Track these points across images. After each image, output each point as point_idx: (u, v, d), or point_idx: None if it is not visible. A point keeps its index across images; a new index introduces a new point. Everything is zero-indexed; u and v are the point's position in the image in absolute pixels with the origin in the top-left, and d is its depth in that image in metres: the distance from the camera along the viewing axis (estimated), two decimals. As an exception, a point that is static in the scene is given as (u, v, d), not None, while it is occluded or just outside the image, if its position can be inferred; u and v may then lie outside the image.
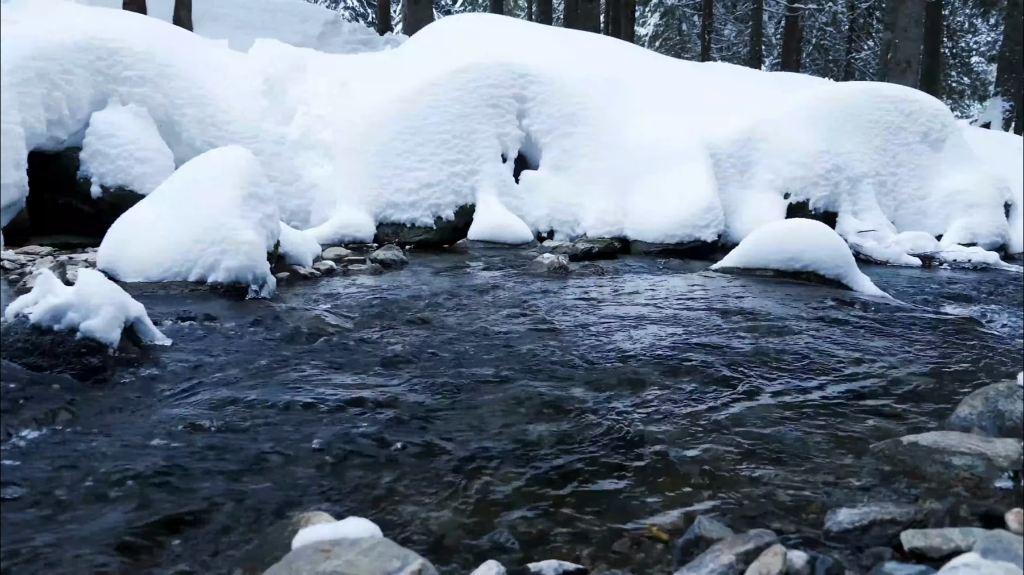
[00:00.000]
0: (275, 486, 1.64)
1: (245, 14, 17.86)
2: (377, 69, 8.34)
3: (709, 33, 23.31)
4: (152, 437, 1.92)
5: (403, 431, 1.98)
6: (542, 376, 2.54)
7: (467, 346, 2.93)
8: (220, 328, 3.11)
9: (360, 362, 2.69)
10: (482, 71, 7.30)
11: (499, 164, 7.04)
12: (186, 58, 7.30)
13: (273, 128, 7.34)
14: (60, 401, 2.19)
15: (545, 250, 5.93)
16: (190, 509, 1.50)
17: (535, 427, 2.05)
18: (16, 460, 1.78)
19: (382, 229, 6.73)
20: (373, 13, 30.03)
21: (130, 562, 1.29)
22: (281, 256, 4.46)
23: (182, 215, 3.98)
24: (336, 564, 0.95)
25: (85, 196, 6.44)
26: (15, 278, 4.12)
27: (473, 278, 4.76)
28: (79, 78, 6.54)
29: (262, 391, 2.31)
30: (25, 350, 2.48)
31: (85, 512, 1.50)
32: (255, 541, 1.37)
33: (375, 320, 3.42)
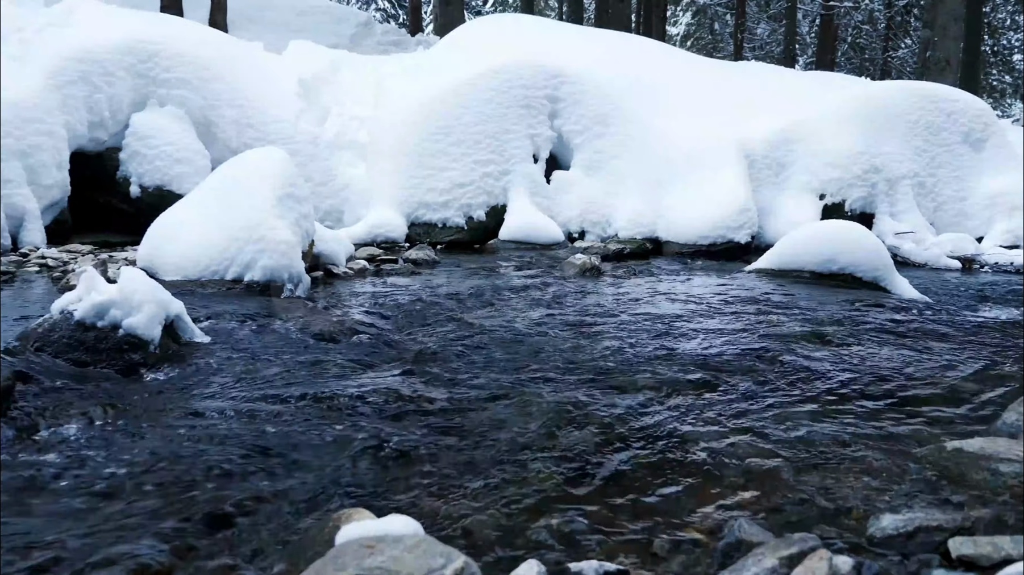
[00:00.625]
0: (313, 483, 1.65)
1: (279, 16, 18.08)
2: (410, 70, 8.39)
3: (742, 32, 23.07)
4: (193, 433, 1.95)
5: (439, 429, 1.99)
6: (577, 377, 2.54)
7: (501, 346, 2.94)
8: (256, 326, 3.15)
9: (395, 361, 2.71)
10: (515, 72, 7.31)
11: (531, 164, 7.04)
12: (223, 60, 7.41)
13: (308, 129, 7.42)
14: (104, 396, 2.23)
15: (576, 251, 5.92)
16: (232, 504, 1.52)
17: (570, 427, 2.04)
18: (62, 453, 1.82)
19: (414, 229, 6.78)
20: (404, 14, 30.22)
21: (175, 555, 1.31)
22: (316, 255, 4.51)
23: (219, 215, 4.04)
24: (381, 560, 0.96)
25: (124, 196, 6.58)
26: (58, 275, 4.21)
27: (505, 278, 4.76)
28: (120, 80, 6.68)
29: (299, 389, 2.33)
30: (70, 346, 2.53)
31: (130, 505, 1.53)
32: (295, 537, 1.39)
33: (409, 319, 3.44)
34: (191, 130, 6.80)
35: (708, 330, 3.27)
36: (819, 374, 2.65)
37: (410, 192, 6.86)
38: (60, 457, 1.80)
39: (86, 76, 6.48)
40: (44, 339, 2.55)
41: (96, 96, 6.49)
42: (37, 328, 2.60)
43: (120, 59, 6.77)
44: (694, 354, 2.86)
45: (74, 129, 6.30)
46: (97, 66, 6.60)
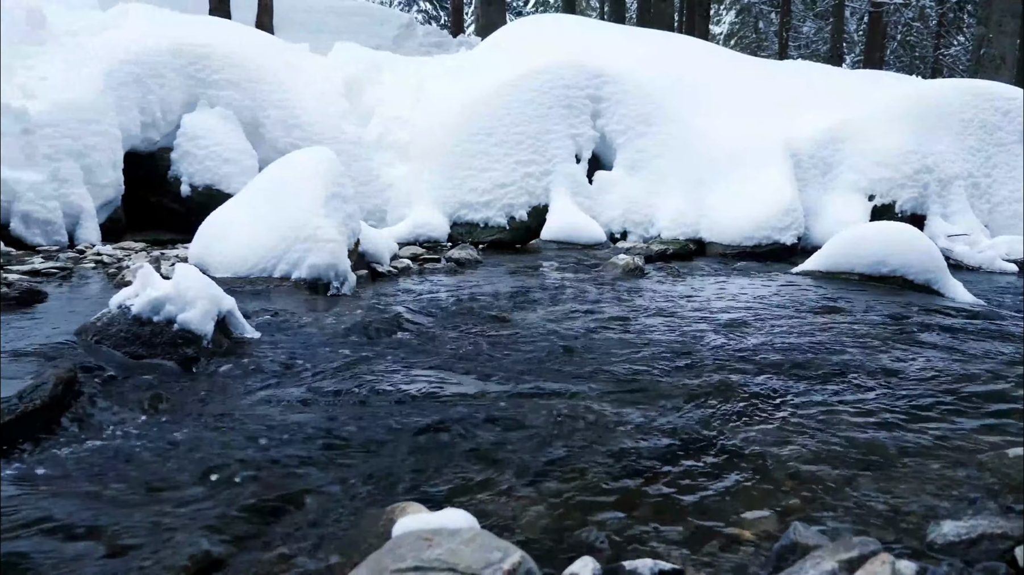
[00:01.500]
0: (366, 476, 1.67)
1: (323, 18, 18.34)
2: (452, 71, 8.44)
3: (787, 30, 22.71)
4: (246, 426, 1.99)
5: (487, 426, 1.99)
6: (623, 377, 2.53)
7: (546, 345, 2.94)
8: (305, 323, 3.20)
9: (441, 358, 2.73)
10: (557, 72, 7.30)
11: (573, 164, 7.03)
12: (270, 62, 7.54)
13: (352, 129, 7.52)
14: (160, 388, 2.29)
15: (618, 251, 5.89)
16: (286, 495, 1.55)
17: (616, 426, 2.03)
18: (121, 443, 1.87)
19: (455, 229, 6.81)
20: (445, 16, 30.41)
21: (233, 544, 1.34)
22: (360, 254, 4.56)
23: (268, 214, 4.12)
24: (439, 553, 0.97)
25: (175, 195, 6.74)
26: (113, 271, 4.33)
27: (548, 278, 4.76)
28: (171, 82, 6.85)
29: (348, 384, 2.37)
30: (127, 339, 2.60)
31: (188, 495, 1.57)
32: (349, 528, 1.41)
33: (454, 318, 3.46)
34: (239, 130, 6.94)
35: (756, 332, 3.23)
36: (872, 377, 2.60)
37: (452, 192, 6.90)
38: (120, 447, 1.85)
39: (139, 78, 6.66)
40: (102, 333, 2.62)
41: (149, 97, 6.66)
42: (96, 322, 2.68)
43: (171, 61, 6.94)
44: (742, 356, 2.82)
45: (128, 130, 6.48)
46: (150, 68, 6.77)
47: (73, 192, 5.89)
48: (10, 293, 3.43)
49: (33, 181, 5.70)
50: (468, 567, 0.95)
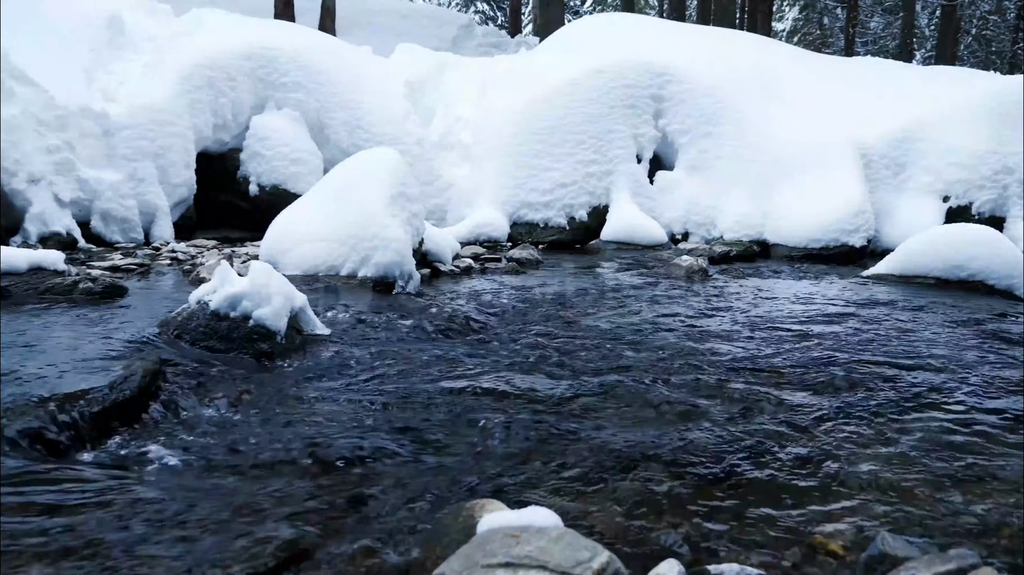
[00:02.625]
0: (442, 472, 1.70)
1: (384, 20, 18.61)
2: (513, 71, 8.46)
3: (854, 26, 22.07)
4: (322, 419, 2.03)
5: (559, 426, 2.00)
6: (692, 379, 2.50)
7: (612, 346, 2.92)
8: (372, 320, 3.26)
9: (508, 357, 2.74)
10: (619, 71, 7.26)
11: (634, 164, 6.98)
12: (335, 64, 7.69)
13: (414, 130, 7.61)
14: (238, 382, 2.36)
15: (680, 252, 5.82)
16: (366, 488, 1.58)
17: (690, 430, 2.01)
18: (205, 434, 1.94)
19: (515, 229, 6.84)
20: (503, 16, 30.52)
21: (317, 534, 1.37)
22: (424, 253, 4.61)
23: (336, 213, 4.20)
24: (529, 550, 0.97)
25: (244, 194, 6.93)
26: (188, 268, 4.48)
27: (611, 278, 4.74)
28: (242, 85, 7.05)
29: (418, 381, 2.40)
30: (205, 334, 2.69)
31: (271, 484, 1.61)
32: (429, 523, 1.42)
33: (518, 317, 3.47)
34: (305, 131, 7.10)
35: (828, 336, 3.15)
36: (954, 385, 2.51)
37: (513, 192, 6.92)
38: (204, 437, 1.92)
39: (212, 81, 6.88)
40: (182, 327, 2.72)
41: (220, 100, 6.87)
42: (176, 316, 2.77)
43: (242, 64, 7.14)
44: (811, 361, 2.76)
45: (200, 131, 6.70)
46: (221, 72, 6.98)
47: (149, 191, 6.11)
48: (94, 288, 3.58)
49: (112, 181, 5.94)
50: (558, 565, 0.95)
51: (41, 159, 5.52)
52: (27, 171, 5.38)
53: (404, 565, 1.26)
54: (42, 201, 5.41)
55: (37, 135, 5.58)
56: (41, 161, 5.51)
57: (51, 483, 1.60)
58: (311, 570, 1.24)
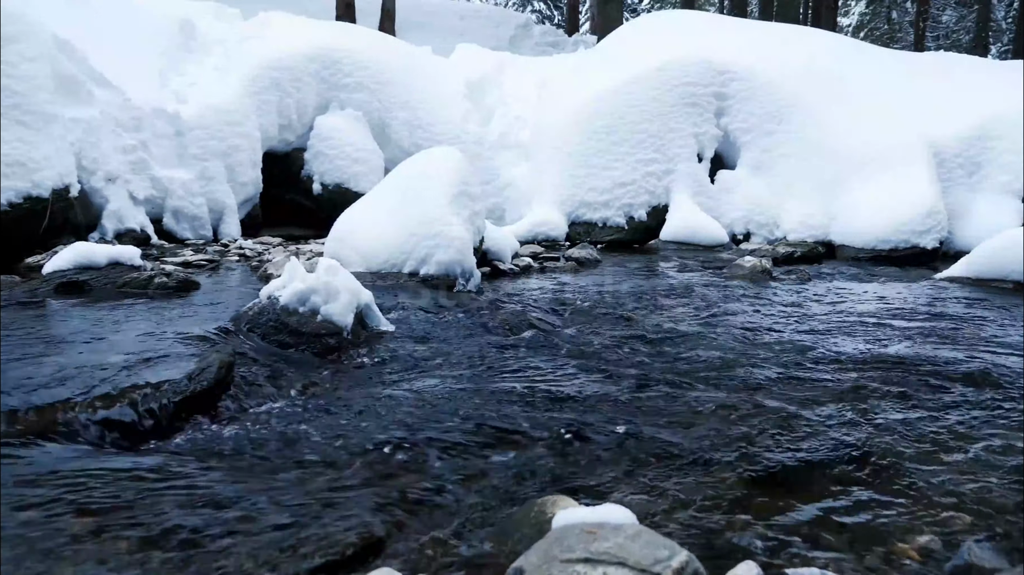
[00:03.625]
0: (509, 467, 1.70)
1: (442, 21, 18.78)
2: (573, 69, 8.44)
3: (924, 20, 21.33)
4: (389, 414, 2.06)
5: (624, 424, 1.98)
6: (759, 381, 2.45)
7: (675, 346, 2.89)
8: (435, 317, 3.30)
9: (570, 355, 2.74)
10: (680, 69, 7.17)
11: (695, 164, 6.89)
12: (396, 65, 7.81)
13: (473, 129, 7.67)
14: (307, 375, 2.42)
15: (742, 253, 5.72)
16: (435, 482, 1.60)
17: (760, 432, 1.97)
18: (274, 425, 1.99)
19: (574, 228, 6.82)
20: (560, 15, 30.46)
21: (390, 525, 1.39)
22: (484, 252, 4.64)
23: (398, 211, 4.26)
24: (607, 546, 0.97)
25: (307, 192, 7.10)
26: (255, 264, 4.60)
27: (672, 278, 4.69)
28: (306, 86, 7.21)
29: (482, 378, 2.42)
30: (275, 328, 2.76)
31: (342, 476, 1.65)
32: (499, 518, 1.43)
33: (579, 316, 3.47)
34: (367, 131, 7.23)
35: (903, 339, 3.06)
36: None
37: (571, 191, 6.91)
38: (276, 428, 1.97)
39: (278, 83, 7.06)
40: (253, 322, 2.79)
41: (286, 101, 7.05)
42: (248, 311, 2.85)
43: (307, 66, 7.31)
44: (892, 364, 2.68)
45: (267, 131, 6.88)
46: (287, 73, 7.16)
47: (218, 190, 6.31)
48: (169, 282, 3.71)
49: (183, 179, 6.15)
50: (637, 562, 0.95)
51: (117, 158, 5.75)
52: (105, 170, 5.61)
53: (476, 558, 1.27)
54: (118, 199, 5.63)
55: (114, 135, 5.82)
56: (117, 160, 5.74)
57: (134, 469, 1.67)
58: (385, 560, 1.27)
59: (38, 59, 5.33)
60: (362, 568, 1.22)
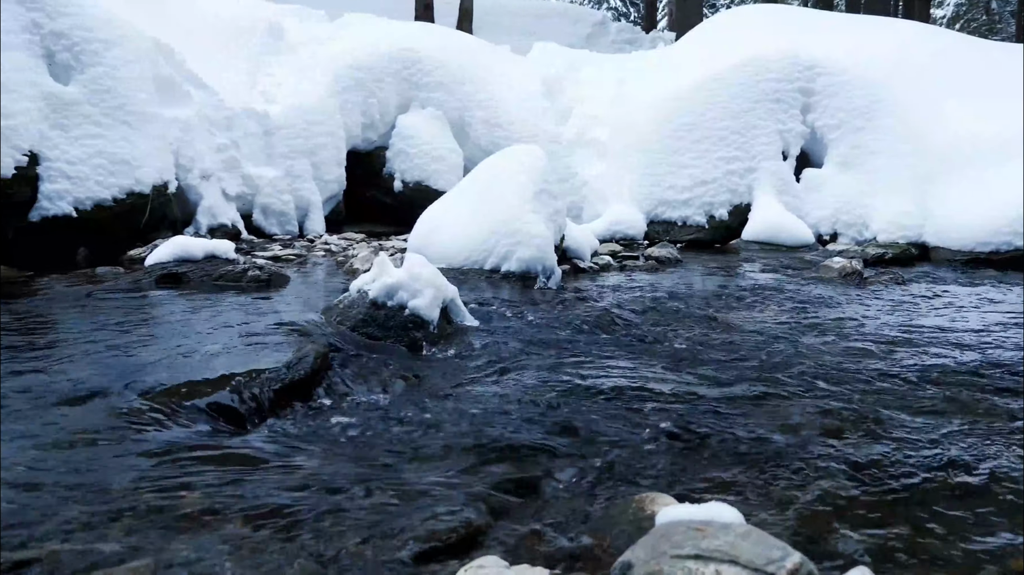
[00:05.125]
0: (599, 464, 1.70)
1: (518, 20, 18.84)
2: (651, 67, 8.34)
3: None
4: (478, 408, 2.09)
5: (715, 424, 1.95)
6: (850, 386, 2.37)
7: (764, 347, 2.83)
8: (518, 314, 3.31)
9: (655, 354, 2.71)
10: (764, 64, 6.99)
11: (779, 162, 6.70)
12: (475, 64, 7.88)
13: (550, 128, 7.67)
14: (395, 367, 2.47)
15: (829, 254, 5.54)
16: (530, 475, 1.61)
17: (860, 437, 1.91)
18: (367, 415, 2.04)
19: (652, 227, 6.74)
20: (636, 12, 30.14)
21: (488, 516, 1.41)
22: (564, 250, 4.64)
23: (480, 208, 4.30)
24: (718, 544, 0.96)
25: (388, 190, 7.24)
26: (341, 260, 4.73)
27: (756, 279, 4.58)
28: (389, 86, 7.36)
29: (567, 374, 2.42)
30: (364, 321, 2.82)
31: (437, 466, 1.68)
32: (596, 513, 1.44)
33: (661, 315, 3.43)
34: (447, 130, 7.32)
35: (1009, 346, 2.90)
36: None
37: (650, 190, 6.83)
38: (369, 417, 2.02)
39: (361, 82, 7.23)
40: (344, 314, 2.87)
41: (369, 100, 7.21)
42: (338, 304, 2.94)
43: (389, 66, 7.46)
44: (1000, 371, 2.55)
45: (350, 130, 7.06)
46: (370, 73, 7.32)
47: (304, 187, 6.50)
48: (261, 275, 3.85)
49: (271, 177, 6.36)
50: (749, 561, 0.93)
51: (211, 157, 6.00)
52: (200, 168, 5.86)
53: (575, 551, 1.28)
54: (212, 195, 5.87)
55: (208, 134, 6.07)
56: (211, 158, 5.99)
57: (239, 451, 1.74)
58: (485, 549, 1.28)
59: (139, 62, 5.60)
60: (465, 555, 1.24)
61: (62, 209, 4.72)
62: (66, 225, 4.72)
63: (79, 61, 5.21)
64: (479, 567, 1.07)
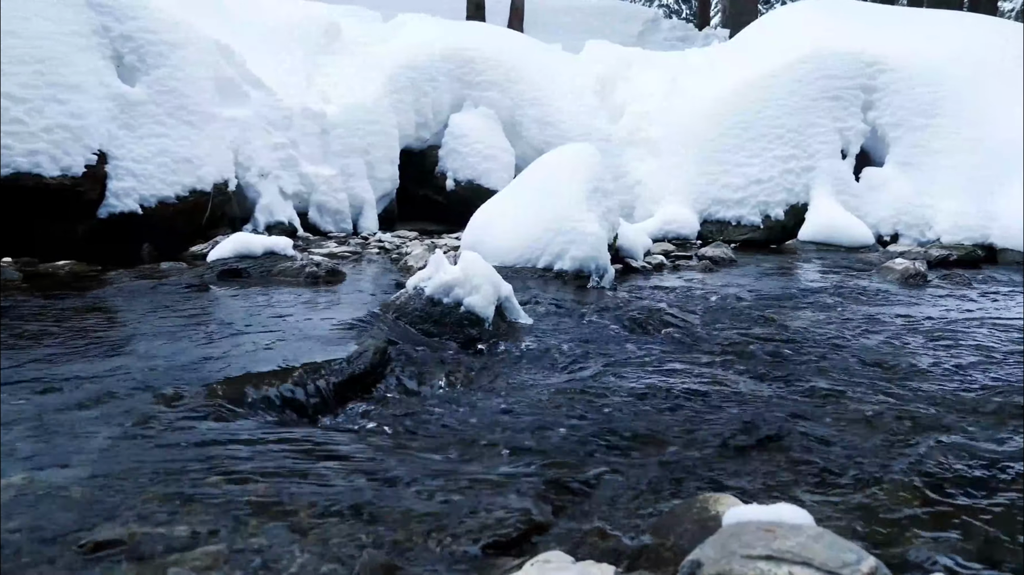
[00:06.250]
0: (658, 463, 1.69)
1: (569, 18, 18.78)
2: (706, 64, 8.23)
3: (1102, 4, 19.24)
4: (534, 405, 2.10)
5: (773, 426, 1.92)
6: (915, 391, 2.30)
7: (825, 348, 2.77)
8: (571, 312, 3.31)
9: (710, 355, 2.68)
10: (823, 61, 6.84)
11: (837, 160, 6.55)
12: (527, 62, 7.88)
13: (602, 126, 7.63)
14: (452, 363, 2.49)
15: (890, 255, 5.39)
16: (590, 473, 1.61)
17: (916, 441, 1.86)
18: (425, 409, 2.06)
19: (705, 226, 6.66)
20: (687, 9, 29.76)
21: (549, 511, 1.42)
22: (617, 249, 4.61)
23: (533, 206, 4.30)
24: (790, 545, 0.95)
25: (440, 188, 7.30)
26: (395, 257, 4.79)
27: (814, 280, 4.49)
28: (442, 85, 7.42)
29: (622, 373, 2.41)
30: (420, 318, 2.86)
31: (497, 462, 1.69)
32: (655, 511, 1.43)
33: (716, 315, 3.38)
34: (499, 129, 7.35)
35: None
36: None
37: (703, 189, 6.74)
38: (427, 413, 2.04)
39: (415, 82, 7.30)
40: (401, 310, 2.91)
41: (422, 100, 7.28)
42: (395, 300, 2.98)
43: (442, 65, 7.52)
44: (1069, 377, 2.45)
45: (404, 129, 7.13)
46: (424, 73, 7.39)
47: (358, 185, 6.60)
48: (319, 272, 3.93)
49: (327, 175, 6.47)
50: (823, 564, 0.92)
51: (269, 155, 6.13)
52: (258, 166, 5.99)
53: (638, 548, 1.27)
54: (270, 193, 6.00)
55: (266, 134, 6.20)
56: (269, 157, 6.12)
57: (303, 441, 1.78)
58: (548, 544, 1.29)
59: (201, 63, 5.76)
60: (530, 549, 1.25)
61: (128, 206, 4.88)
62: (131, 222, 4.88)
63: (145, 63, 5.39)
64: (545, 561, 1.08)
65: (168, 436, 1.74)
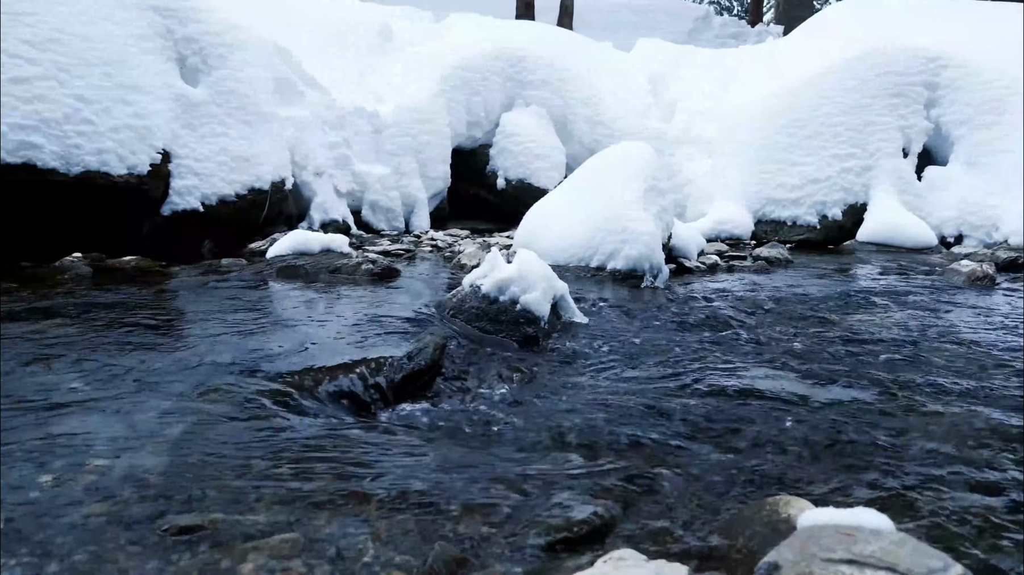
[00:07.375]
0: (722, 464, 1.67)
1: (619, 16, 18.66)
2: (760, 61, 8.10)
3: None
4: (592, 403, 2.09)
5: (839, 429, 1.88)
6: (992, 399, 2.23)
7: (890, 352, 2.70)
8: (625, 311, 3.29)
9: (769, 356, 2.64)
10: (883, 57, 6.66)
11: (899, 159, 6.38)
12: (578, 61, 7.87)
13: (654, 124, 7.57)
14: (510, 361, 2.50)
15: (955, 257, 5.22)
16: (653, 472, 1.60)
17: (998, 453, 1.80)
18: (484, 406, 2.08)
19: (759, 226, 6.55)
20: (739, 6, 29.29)
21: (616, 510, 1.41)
22: (670, 248, 4.57)
23: (587, 205, 4.29)
24: (871, 549, 0.93)
25: (491, 187, 7.33)
26: (448, 255, 4.83)
27: (874, 282, 4.38)
28: (493, 84, 7.45)
29: (680, 373, 2.39)
30: (477, 315, 2.88)
31: (560, 459, 1.69)
32: (726, 513, 1.41)
33: (773, 317, 3.33)
34: (551, 128, 7.34)
35: None
36: None
37: (757, 188, 6.63)
38: (486, 409, 2.06)
39: (467, 81, 7.34)
40: (457, 308, 2.93)
41: (474, 99, 7.32)
42: (452, 298, 3.00)
43: (493, 65, 7.55)
44: None
45: (456, 128, 7.18)
46: (475, 72, 7.43)
47: (410, 184, 6.67)
48: (374, 269, 3.98)
49: (380, 174, 6.56)
50: (908, 569, 0.90)
51: (324, 154, 6.24)
52: (313, 165, 6.10)
53: (706, 549, 1.26)
54: (324, 192, 6.11)
55: (321, 133, 6.31)
56: (324, 156, 6.23)
57: (367, 436, 1.81)
58: (617, 543, 1.29)
59: (259, 64, 5.89)
60: (597, 547, 1.25)
61: (191, 204, 5.02)
62: (193, 219, 5.02)
63: (206, 64, 5.53)
64: (619, 559, 1.08)
65: (238, 426, 1.79)
